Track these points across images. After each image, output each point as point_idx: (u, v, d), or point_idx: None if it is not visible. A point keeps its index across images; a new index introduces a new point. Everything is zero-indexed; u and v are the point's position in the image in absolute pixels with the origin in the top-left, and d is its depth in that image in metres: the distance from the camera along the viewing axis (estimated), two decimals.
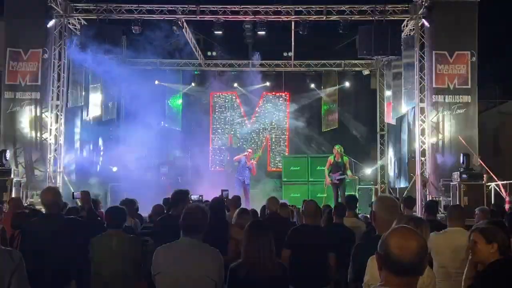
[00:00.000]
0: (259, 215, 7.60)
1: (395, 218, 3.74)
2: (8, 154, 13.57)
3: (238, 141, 19.14)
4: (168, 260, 3.78)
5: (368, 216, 8.16)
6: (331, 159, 14.38)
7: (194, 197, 7.53)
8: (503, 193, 12.43)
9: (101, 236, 5.14)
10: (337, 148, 14.46)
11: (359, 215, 9.10)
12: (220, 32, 15.56)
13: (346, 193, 13.95)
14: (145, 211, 9.15)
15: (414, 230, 2.35)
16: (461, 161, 13.11)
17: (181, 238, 3.85)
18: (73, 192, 5.86)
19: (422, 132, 14.52)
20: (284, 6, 15.20)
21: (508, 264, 3.75)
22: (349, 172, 14.33)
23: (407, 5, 14.99)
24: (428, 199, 13.44)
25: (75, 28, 15.74)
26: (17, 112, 14.48)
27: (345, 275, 6.16)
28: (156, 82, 18.76)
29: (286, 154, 19.47)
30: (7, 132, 14.47)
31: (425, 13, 14.42)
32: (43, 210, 5.64)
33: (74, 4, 15.25)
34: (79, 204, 6.99)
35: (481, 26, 14.29)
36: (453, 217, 5.48)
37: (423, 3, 14.35)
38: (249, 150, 16.25)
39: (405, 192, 14.43)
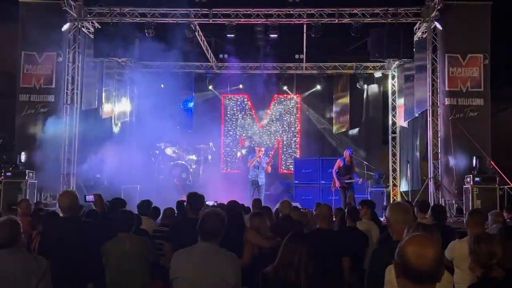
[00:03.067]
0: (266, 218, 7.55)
1: (409, 223, 3.77)
2: (23, 157, 13.72)
3: (253, 143, 19.11)
4: (186, 264, 3.83)
5: (383, 220, 8.14)
6: (340, 161, 14.35)
7: (209, 202, 7.57)
8: None
9: (112, 240, 5.20)
10: (350, 151, 14.48)
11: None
12: (233, 35, 15.60)
13: (361, 196, 13.96)
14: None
15: (430, 238, 2.39)
16: (474, 164, 13.07)
17: (199, 243, 3.90)
18: (85, 195, 5.89)
19: (435, 135, 14.49)
20: (296, 9, 15.23)
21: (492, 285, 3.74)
22: (356, 176, 14.38)
23: (419, 8, 14.97)
24: (441, 203, 13.42)
25: (89, 32, 15.88)
26: (31, 115, 14.63)
27: (359, 278, 6.20)
28: (162, 85, 18.86)
29: (298, 156, 19.48)
30: (21, 135, 14.63)
31: (438, 16, 14.39)
32: (60, 213, 5.71)
33: (88, 8, 15.40)
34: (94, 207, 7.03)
35: (495, 26, 14.24)
36: (473, 223, 5.45)
37: (436, 5, 14.32)
38: (259, 149, 15.91)
39: (418, 196, 14.40)
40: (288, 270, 3.85)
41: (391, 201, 16.05)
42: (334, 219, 8.38)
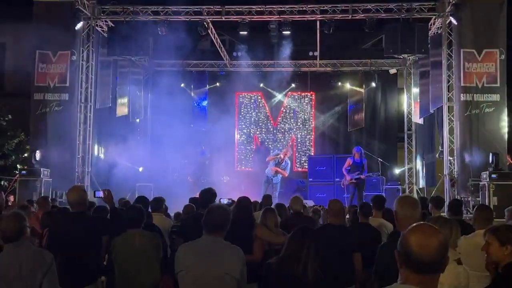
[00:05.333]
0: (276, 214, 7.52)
1: (416, 216, 3.71)
2: (38, 155, 13.82)
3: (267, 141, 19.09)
4: (190, 257, 3.81)
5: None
6: (350, 160, 14.33)
7: (223, 200, 7.58)
8: None
9: (122, 236, 5.19)
10: (358, 149, 14.44)
11: None
12: (245, 33, 15.56)
13: (374, 193, 13.84)
14: (170, 211, 9.25)
15: (434, 227, 2.32)
16: (491, 160, 12.87)
17: (203, 236, 3.87)
18: (94, 191, 5.88)
19: (450, 131, 14.33)
20: (309, 6, 15.14)
21: None
22: (365, 172, 14.29)
23: (434, 3, 14.80)
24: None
25: (103, 30, 15.95)
26: (46, 114, 14.72)
27: (371, 275, 6.13)
28: (182, 85, 18.93)
29: (312, 154, 19.41)
30: (36, 133, 14.73)
31: (453, 11, 14.19)
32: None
33: (102, 7, 15.47)
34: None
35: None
36: (480, 218, 5.34)
37: (451, 0, 14.14)
38: (285, 152, 15.81)
39: (433, 192, 14.25)
40: (294, 263, 3.80)
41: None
42: (347, 215, 8.34)
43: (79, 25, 15.01)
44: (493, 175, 12.37)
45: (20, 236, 3.92)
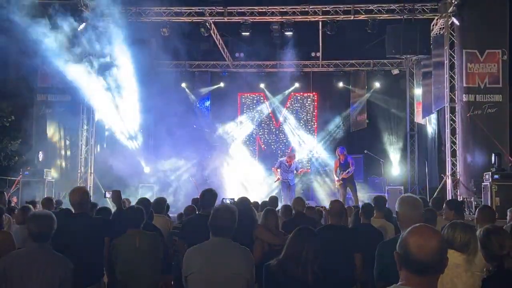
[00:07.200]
0: (279, 215, 7.55)
1: (418, 217, 3.70)
2: (41, 156, 13.86)
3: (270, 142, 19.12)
4: (200, 260, 3.82)
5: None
6: (336, 161, 14.35)
7: (226, 200, 7.59)
8: None
9: (122, 236, 5.22)
10: (340, 150, 14.48)
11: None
12: (248, 34, 15.58)
13: (375, 193, 13.84)
14: (173, 211, 9.29)
15: (433, 228, 2.33)
16: (493, 161, 12.86)
17: (211, 238, 3.88)
18: (104, 192, 5.95)
19: (453, 132, 14.32)
20: (311, 6, 15.16)
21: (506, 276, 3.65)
22: (351, 171, 14.29)
23: (436, 4, 14.80)
24: (459, 200, 13.24)
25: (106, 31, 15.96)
26: (49, 114, 14.76)
27: (372, 275, 6.13)
28: (184, 85, 18.94)
29: (315, 154, 19.40)
30: (39, 134, 14.78)
31: (455, 11, 14.21)
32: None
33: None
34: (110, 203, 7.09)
35: None
36: (482, 219, 5.34)
37: (453, 1, 14.14)
38: (289, 159, 15.81)
39: (436, 193, 14.25)
40: (294, 264, 3.81)
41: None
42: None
43: (81, 26, 15.04)
44: (496, 176, 12.34)
45: (49, 238, 3.95)
